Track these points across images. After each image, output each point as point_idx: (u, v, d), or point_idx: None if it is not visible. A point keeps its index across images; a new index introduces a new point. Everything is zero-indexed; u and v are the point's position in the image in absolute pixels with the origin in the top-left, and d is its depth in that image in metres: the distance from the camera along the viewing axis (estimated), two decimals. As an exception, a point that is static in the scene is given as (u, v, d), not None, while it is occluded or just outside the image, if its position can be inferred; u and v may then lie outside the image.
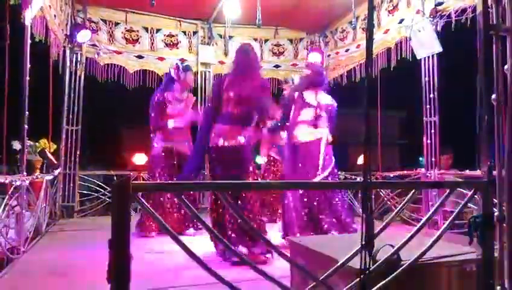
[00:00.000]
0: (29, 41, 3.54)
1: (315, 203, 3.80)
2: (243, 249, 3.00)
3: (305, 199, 3.81)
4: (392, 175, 5.72)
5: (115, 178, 5.40)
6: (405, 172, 5.73)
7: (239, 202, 3.12)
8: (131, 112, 10.12)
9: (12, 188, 3.15)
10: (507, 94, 1.67)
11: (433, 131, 4.92)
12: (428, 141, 4.94)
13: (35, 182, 4.28)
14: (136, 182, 1.37)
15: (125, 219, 1.15)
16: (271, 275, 1.51)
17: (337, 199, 3.91)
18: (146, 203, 1.19)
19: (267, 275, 1.51)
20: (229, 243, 2.80)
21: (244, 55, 3.50)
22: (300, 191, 3.78)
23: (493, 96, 1.68)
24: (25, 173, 3.36)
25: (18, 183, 3.20)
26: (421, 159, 5.74)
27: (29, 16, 3.54)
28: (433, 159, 4.90)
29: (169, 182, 3.69)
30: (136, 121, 7.54)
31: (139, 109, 5.52)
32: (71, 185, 5.69)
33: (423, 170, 5.13)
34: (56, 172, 5.25)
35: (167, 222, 3.44)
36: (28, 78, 3.49)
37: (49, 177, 4.70)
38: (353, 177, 6.18)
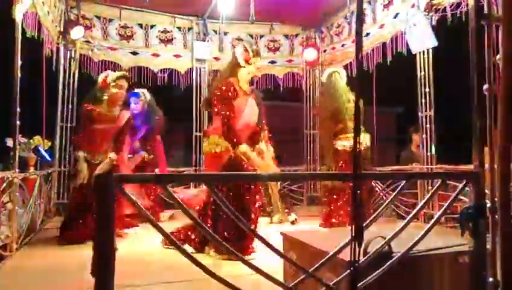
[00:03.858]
0: (20, 37, 3.50)
1: None
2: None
3: None
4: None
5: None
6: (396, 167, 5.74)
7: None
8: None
9: (4, 185, 3.12)
10: (499, 84, 1.66)
11: (428, 125, 4.91)
12: (424, 136, 4.93)
13: (29, 179, 4.25)
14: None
15: (108, 211, 1.12)
16: (263, 269, 1.49)
17: None
18: (130, 195, 1.17)
19: (258, 269, 1.50)
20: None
21: None
22: None
23: (485, 86, 1.66)
24: (17, 170, 3.33)
25: (10, 179, 3.17)
26: (416, 154, 5.72)
27: (19, 11, 3.50)
28: (428, 154, 4.89)
29: (155, 173, 3.77)
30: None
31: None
32: (66, 182, 5.66)
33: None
34: (50, 169, 5.22)
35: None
36: (19, 74, 3.45)
37: (43, 174, 4.67)
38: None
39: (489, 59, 1.70)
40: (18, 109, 3.46)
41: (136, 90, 5.30)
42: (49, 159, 5.42)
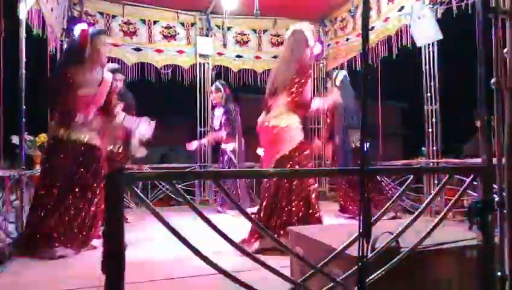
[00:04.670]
0: (24, 34, 3.51)
1: None
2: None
3: None
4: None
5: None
6: (403, 162, 5.72)
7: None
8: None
9: (10, 183, 3.14)
10: (507, 78, 1.65)
11: (434, 120, 4.89)
12: (430, 130, 4.92)
13: (35, 176, 4.27)
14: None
15: (119, 209, 1.13)
16: (270, 263, 1.50)
17: None
18: (141, 194, 1.18)
19: (266, 264, 1.50)
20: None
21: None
22: None
23: (492, 80, 1.65)
24: (23, 167, 3.35)
25: (17, 177, 3.19)
26: (423, 149, 5.72)
27: (23, 9, 3.50)
28: (434, 148, 4.88)
29: (164, 171, 3.47)
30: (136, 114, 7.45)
31: (138, 102, 5.49)
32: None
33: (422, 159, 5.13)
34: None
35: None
36: (24, 71, 3.46)
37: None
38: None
39: (497, 53, 1.68)
40: (24, 107, 3.48)
41: (116, 65, 5.07)
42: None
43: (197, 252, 1.35)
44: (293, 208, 3.13)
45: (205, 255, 1.36)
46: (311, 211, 3.17)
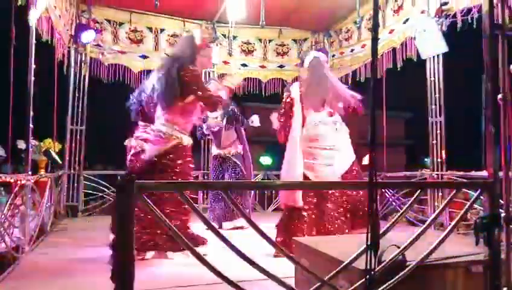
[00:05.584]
0: (34, 41, 3.55)
1: None
2: None
3: None
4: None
5: (119, 178, 5.02)
6: (407, 173, 5.71)
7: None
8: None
9: (17, 187, 3.16)
10: (513, 93, 1.66)
11: (438, 131, 4.90)
12: (434, 142, 4.92)
13: (39, 181, 4.29)
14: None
15: (129, 219, 1.14)
16: (275, 274, 1.50)
17: None
18: (151, 204, 1.19)
19: (271, 274, 1.51)
20: None
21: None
22: None
23: (499, 95, 1.67)
24: (29, 172, 3.37)
25: (23, 182, 3.21)
26: (426, 159, 5.71)
27: (33, 16, 3.55)
28: (439, 160, 4.87)
29: (174, 181, 3.33)
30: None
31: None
32: (75, 184, 5.71)
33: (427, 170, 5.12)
34: (60, 172, 5.27)
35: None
36: (33, 78, 3.49)
37: (54, 176, 4.71)
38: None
39: (503, 68, 1.70)
40: (31, 113, 3.50)
41: None
42: (59, 161, 5.46)
43: (204, 262, 1.35)
44: None
45: (213, 264, 1.37)
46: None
